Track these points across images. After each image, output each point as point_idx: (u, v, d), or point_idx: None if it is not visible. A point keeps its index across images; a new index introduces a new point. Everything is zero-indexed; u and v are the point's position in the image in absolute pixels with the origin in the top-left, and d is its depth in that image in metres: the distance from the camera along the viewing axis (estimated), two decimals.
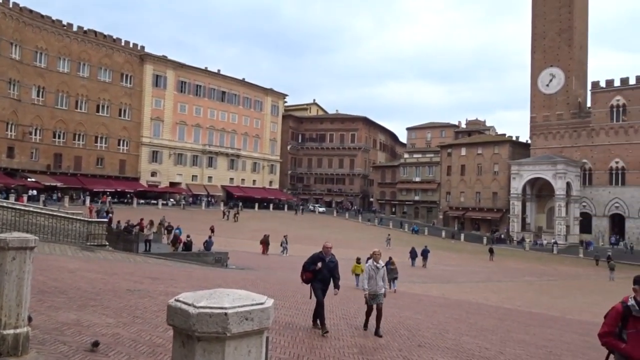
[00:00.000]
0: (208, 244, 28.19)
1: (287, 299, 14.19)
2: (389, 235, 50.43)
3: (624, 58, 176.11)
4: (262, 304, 2.18)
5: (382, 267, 9.71)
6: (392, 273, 21.78)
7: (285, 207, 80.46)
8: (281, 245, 35.50)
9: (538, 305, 19.42)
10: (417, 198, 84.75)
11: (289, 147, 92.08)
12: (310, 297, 9.53)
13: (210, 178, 77.14)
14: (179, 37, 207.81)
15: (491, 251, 46.74)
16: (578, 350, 10.82)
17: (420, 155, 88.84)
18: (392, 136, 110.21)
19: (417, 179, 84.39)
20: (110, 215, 36.91)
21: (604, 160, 63.54)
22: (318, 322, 9.11)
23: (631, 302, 4.46)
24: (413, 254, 35.38)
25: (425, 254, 35.72)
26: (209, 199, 74.06)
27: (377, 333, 9.43)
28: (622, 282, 35.13)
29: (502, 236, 66.68)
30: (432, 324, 13.36)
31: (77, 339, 6.10)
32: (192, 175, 75.12)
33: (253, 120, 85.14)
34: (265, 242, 34.76)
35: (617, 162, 62.48)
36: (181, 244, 27.71)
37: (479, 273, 33.66)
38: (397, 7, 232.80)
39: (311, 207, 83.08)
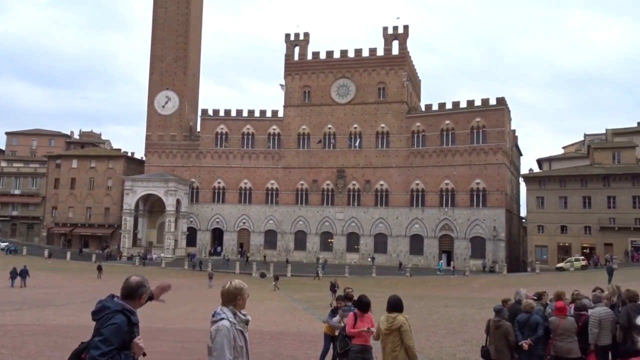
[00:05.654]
0: None
1: None
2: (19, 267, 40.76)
3: (228, 92, 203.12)
4: None
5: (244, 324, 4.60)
6: None
7: None
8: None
9: None
10: (15, 213, 74.18)
11: None
12: None
13: None
14: None
15: (100, 269, 44.91)
16: (174, 357, 11.39)
17: (22, 165, 78.38)
18: None
19: (17, 192, 74.10)
20: None
21: (209, 180, 70.93)
22: None
23: None
24: (13, 274, 34.02)
25: (23, 274, 34.27)
26: None
27: None
28: (218, 289, 39.63)
29: (112, 253, 65.43)
30: (19, 357, 11.74)
31: None
32: None
33: None
34: None
35: (219, 182, 70.74)
36: None
37: (84, 293, 31.78)
38: None
39: None
